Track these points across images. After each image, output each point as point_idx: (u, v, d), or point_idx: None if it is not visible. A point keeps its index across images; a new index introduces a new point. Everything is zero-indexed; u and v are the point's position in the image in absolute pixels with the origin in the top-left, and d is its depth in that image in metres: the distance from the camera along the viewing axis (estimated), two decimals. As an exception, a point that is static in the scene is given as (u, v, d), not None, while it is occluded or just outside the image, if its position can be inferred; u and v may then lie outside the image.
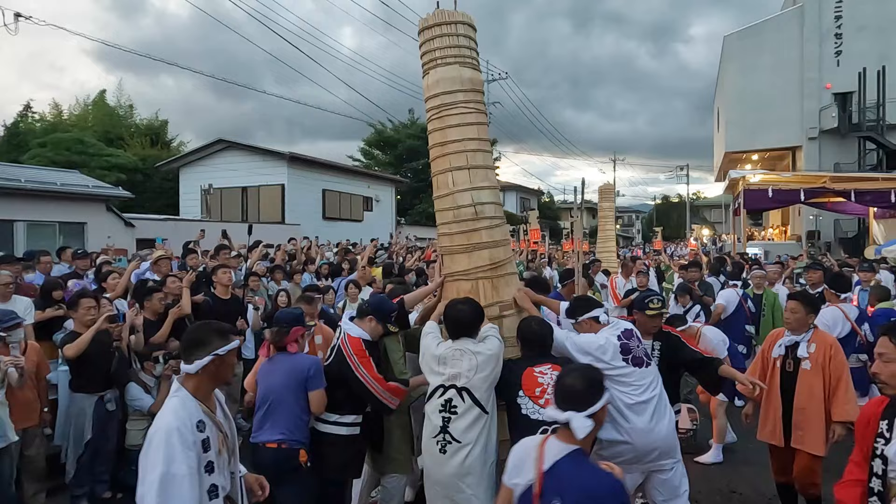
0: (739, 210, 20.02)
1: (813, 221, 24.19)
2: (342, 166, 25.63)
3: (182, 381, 2.17)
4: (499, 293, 3.52)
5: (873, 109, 22.82)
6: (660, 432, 3.21)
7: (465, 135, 3.58)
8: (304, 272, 9.00)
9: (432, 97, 3.67)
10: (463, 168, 3.58)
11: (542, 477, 1.97)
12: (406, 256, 12.26)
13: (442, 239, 3.72)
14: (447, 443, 3.03)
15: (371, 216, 24.98)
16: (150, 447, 2.01)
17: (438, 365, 3.14)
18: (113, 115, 29.82)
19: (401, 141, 32.79)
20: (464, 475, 2.99)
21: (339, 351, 3.44)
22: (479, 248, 3.53)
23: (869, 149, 23.21)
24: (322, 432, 3.40)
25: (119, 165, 23.56)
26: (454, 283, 3.61)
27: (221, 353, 2.17)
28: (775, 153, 28.30)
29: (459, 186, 3.57)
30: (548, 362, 3.13)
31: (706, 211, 57.34)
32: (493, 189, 3.67)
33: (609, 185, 13.19)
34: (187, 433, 2.02)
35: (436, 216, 3.76)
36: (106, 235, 12.14)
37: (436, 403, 3.11)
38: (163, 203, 23.45)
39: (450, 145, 3.61)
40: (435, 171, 3.71)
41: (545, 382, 3.01)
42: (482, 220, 3.55)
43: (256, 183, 21.30)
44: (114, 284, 5.78)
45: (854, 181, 18.11)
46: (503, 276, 3.59)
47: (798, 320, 3.85)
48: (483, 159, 3.65)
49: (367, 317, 3.55)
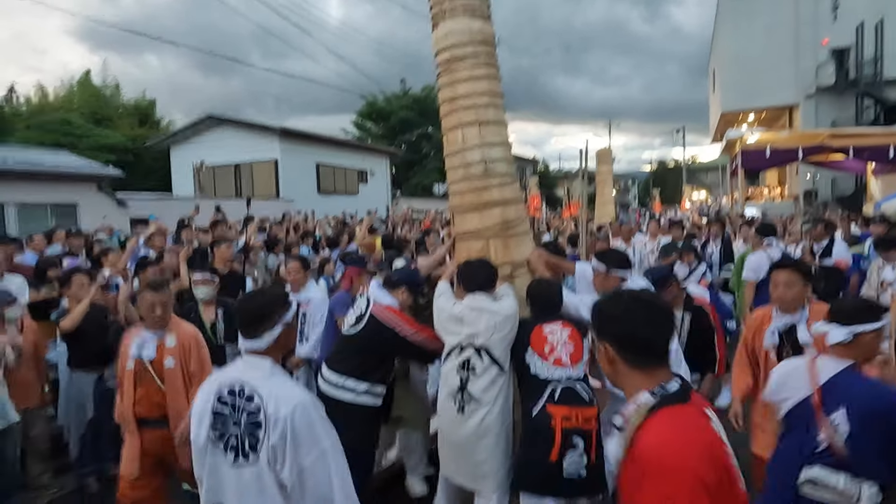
0: (737, 171, 19.87)
1: (810, 181, 24.09)
2: (335, 139, 25.32)
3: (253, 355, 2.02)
4: (510, 253, 3.42)
5: (871, 64, 22.55)
6: None
7: (475, 89, 3.44)
8: (302, 245, 8.92)
9: (442, 50, 3.53)
10: (473, 124, 3.44)
11: (820, 390, 2.19)
12: (405, 227, 12.18)
13: (452, 198, 3.61)
14: (465, 402, 2.96)
15: (366, 189, 24.77)
16: (298, 423, 1.87)
17: (455, 324, 3.06)
18: (99, 96, 29.23)
19: (393, 112, 32.32)
20: (481, 436, 2.94)
21: (373, 319, 3.32)
22: (489, 206, 3.42)
23: (866, 105, 23.00)
24: (349, 402, 3.27)
25: (108, 146, 23.21)
26: (465, 242, 3.52)
27: (290, 320, 2.05)
28: (771, 113, 28.03)
29: (470, 143, 3.45)
30: (557, 320, 3.06)
31: (702, 174, 57.16)
32: (504, 145, 3.54)
33: (606, 149, 13.02)
34: None
35: (446, 174, 3.65)
36: (100, 216, 12.00)
37: (453, 363, 3.04)
38: (155, 183, 23.19)
39: (460, 100, 3.47)
40: (445, 128, 3.59)
41: (554, 341, 2.95)
42: (493, 177, 3.43)
43: (249, 159, 21.04)
44: (114, 260, 5.66)
45: (853, 137, 17.93)
46: (515, 236, 3.48)
47: (794, 296, 3.03)
48: (494, 114, 3.51)
49: (398, 288, 3.50)
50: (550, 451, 2.69)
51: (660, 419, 1.43)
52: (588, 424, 2.76)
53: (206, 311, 4.54)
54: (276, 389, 1.92)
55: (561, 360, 2.89)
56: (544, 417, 2.77)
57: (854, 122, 22.52)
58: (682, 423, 1.42)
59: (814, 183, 23.99)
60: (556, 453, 2.68)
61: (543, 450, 2.71)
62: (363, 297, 3.53)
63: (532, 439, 2.81)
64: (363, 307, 3.44)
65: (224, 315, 4.51)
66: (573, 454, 2.70)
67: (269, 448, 1.87)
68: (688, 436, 1.39)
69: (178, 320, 3.52)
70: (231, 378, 2.00)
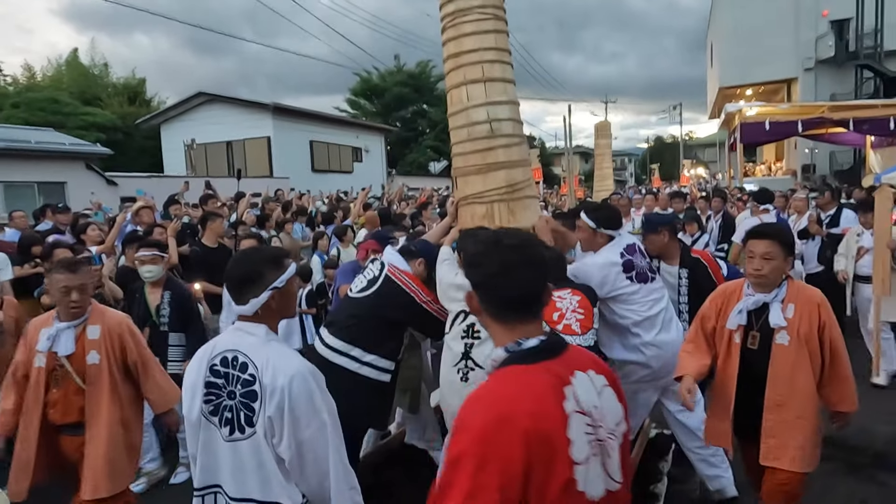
0: (735, 145, 19.70)
1: (808, 155, 23.92)
2: (329, 116, 24.98)
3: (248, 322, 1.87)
4: (515, 217, 3.22)
5: (871, 36, 22.23)
6: (671, 344, 3.13)
7: (481, 44, 3.22)
8: (296, 222, 8.76)
9: (447, 2, 3.32)
10: (479, 81, 3.23)
11: None
12: (400, 204, 12.04)
13: (456, 159, 3.42)
14: (469, 370, 2.80)
15: (361, 167, 24.51)
16: (296, 394, 1.75)
17: (458, 291, 2.88)
18: (88, 75, 28.75)
19: (388, 89, 31.88)
20: None
21: (389, 281, 3.17)
22: (494, 168, 3.23)
23: (866, 77, 22.73)
24: (350, 371, 3.12)
25: (97, 124, 22.86)
26: (468, 206, 3.33)
27: (280, 285, 1.86)
28: (770, 87, 27.74)
29: (474, 101, 3.24)
30: (566, 287, 2.92)
31: (699, 150, 56.87)
32: (511, 104, 3.34)
33: (605, 122, 12.76)
34: None
35: (450, 135, 3.46)
36: (88, 193, 11.74)
37: (457, 330, 2.87)
38: (146, 162, 22.89)
39: (464, 56, 3.25)
40: (449, 86, 3.38)
41: (563, 307, 2.81)
42: (498, 137, 3.23)
43: (241, 136, 20.73)
44: (94, 237, 5.49)
45: (853, 109, 17.77)
46: (521, 200, 3.28)
47: (772, 270, 2.51)
48: (501, 71, 3.30)
49: (416, 259, 3.33)
50: None
51: (493, 378, 1.30)
52: None
53: (151, 292, 4.07)
54: (272, 358, 1.79)
55: (570, 328, 2.76)
56: None
57: (853, 95, 22.27)
58: (506, 384, 1.26)
59: (812, 157, 23.83)
60: None
61: None
62: (376, 262, 3.37)
63: None
64: (376, 270, 3.27)
65: (171, 299, 4.04)
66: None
67: (265, 420, 1.75)
68: (499, 398, 1.23)
69: (101, 308, 3.00)
70: (224, 346, 1.86)
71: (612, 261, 3.15)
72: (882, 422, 4.13)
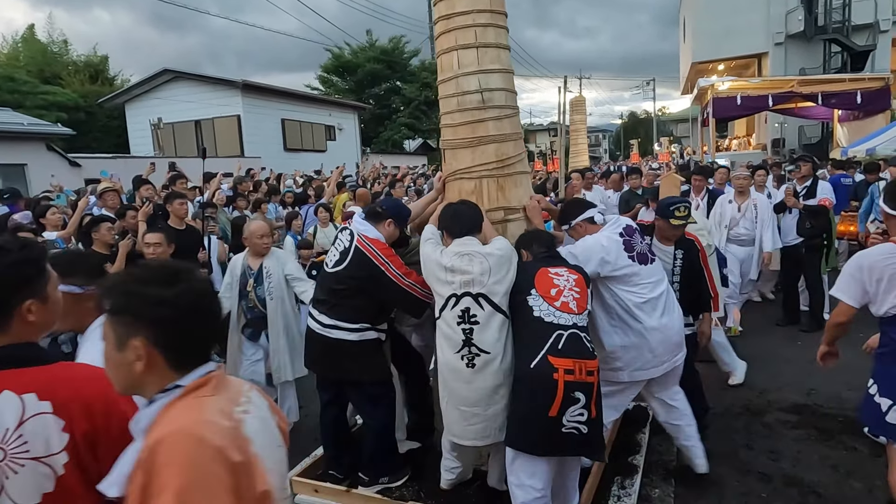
0: (708, 120, 19.83)
1: (778, 129, 24.26)
2: (301, 93, 24.44)
3: None
4: (505, 194, 3.11)
5: (839, 10, 22.50)
6: (673, 327, 3.11)
7: (475, 5, 3.02)
8: (270, 202, 8.59)
9: None
10: (471, 46, 3.04)
11: None
12: (374, 183, 11.92)
13: (444, 131, 3.26)
14: (475, 356, 2.72)
15: (335, 146, 24.11)
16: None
17: (446, 273, 2.78)
18: (46, 52, 27.51)
19: (360, 65, 31.21)
20: (498, 386, 2.72)
21: (359, 253, 3.06)
22: (484, 142, 3.08)
23: (834, 52, 23.03)
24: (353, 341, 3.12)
25: (58, 103, 21.96)
26: (456, 181, 3.20)
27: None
28: (741, 62, 27.95)
29: (465, 68, 3.06)
30: (563, 265, 2.85)
31: (672, 125, 57.32)
32: (505, 73, 3.16)
33: (580, 97, 12.76)
34: None
35: (439, 104, 3.29)
36: (50, 175, 11.33)
37: (451, 315, 2.75)
38: (111, 142, 22.19)
39: (456, 18, 3.04)
40: (439, 51, 3.20)
41: (561, 284, 2.72)
42: (490, 109, 3.08)
43: (210, 115, 20.16)
44: (54, 220, 5.27)
45: (821, 84, 18.01)
46: (511, 175, 3.16)
47: None
48: (495, 36, 3.11)
49: (385, 220, 3.20)
50: (550, 406, 2.46)
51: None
52: (591, 377, 2.56)
53: None
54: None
55: (568, 306, 2.67)
56: (546, 368, 2.52)
57: (822, 70, 22.57)
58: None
59: (782, 131, 24.18)
60: (556, 409, 2.46)
61: (542, 404, 2.49)
62: (345, 232, 3.22)
63: (531, 392, 2.56)
64: (346, 241, 3.15)
65: None
66: (575, 409, 2.49)
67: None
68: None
69: None
70: None
71: (614, 238, 3.08)
72: (853, 388, 4.24)
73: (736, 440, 3.98)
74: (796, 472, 3.57)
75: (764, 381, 4.89)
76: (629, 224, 3.19)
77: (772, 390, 4.73)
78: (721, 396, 4.65)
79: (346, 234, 3.19)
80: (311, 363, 3.40)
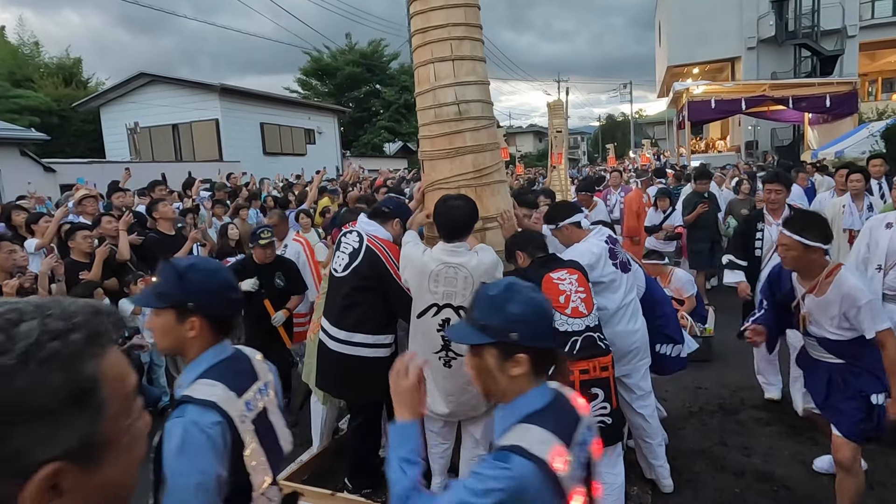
0: (683, 123, 20.23)
1: (751, 132, 24.80)
2: (280, 97, 24.28)
3: None
4: (483, 203, 3.15)
5: (809, 16, 23.08)
6: (638, 332, 3.23)
7: (450, 19, 3.08)
8: (251, 208, 8.55)
9: None
10: (447, 59, 3.11)
11: None
12: (355, 186, 11.89)
13: (423, 142, 3.32)
14: (451, 358, 2.81)
15: (314, 149, 23.99)
16: None
17: (429, 282, 2.81)
18: (17, 54, 26.94)
19: (340, 69, 31.15)
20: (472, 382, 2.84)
21: (371, 252, 3.07)
22: (461, 152, 3.14)
23: (804, 56, 23.62)
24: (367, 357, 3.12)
25: (30, 107, 21.51)
26: (435, 192, 3.22)
27: None
28: (715, 65, 28.51)
29: (442, 81, 3.13)
30: (562, 268, 2.90)
31: (649, 128, 58.07)
32: (480, 85, 3.23)
33: (559, 101, 12.87)
34: None
35: (417, 116, 3.35)
36: (25, 182, 11.12)
37: (432, 322, 2.82)
38: (86, 147, 21.79)
39: (432, 31, 3.11)
40: (416, 63, 3.26)
41: (567, 289, 2.78)
42: (466, 120, 3.14)
43: (187, 119, 19.91)
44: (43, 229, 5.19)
45: (792, 87, 18.50)
46: (489, 185, 3.22)
47: None
48: (471, 49, 3.17)
49: (392, 220, 3.23)
50: None
51: None
52: (605, 372, 2.66)
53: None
54: None
55: (578, 310, 2.74)
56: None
57: (792, 74, 23.13)
58: None
59: (755, 134, 24.71)
60: None
61: None
62: (352, 234, 3.21)
63: None
64: (355, 242, 3.15)
65: None
66: (595, 403, 2.60)
67: None
68: None
69: None
70: None
71: (601, 246, 3.19)
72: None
73: (711, 437, 4.12)
74: (768, 467, 3.70)
75: (738, 379, 5.04)
76: (610, 234, 3.34)
77: (745, 388, 4.88)
78: (696, 395, 4.79)
79: (354, 236, 3.19)
80: (328, 384, 3.35)
